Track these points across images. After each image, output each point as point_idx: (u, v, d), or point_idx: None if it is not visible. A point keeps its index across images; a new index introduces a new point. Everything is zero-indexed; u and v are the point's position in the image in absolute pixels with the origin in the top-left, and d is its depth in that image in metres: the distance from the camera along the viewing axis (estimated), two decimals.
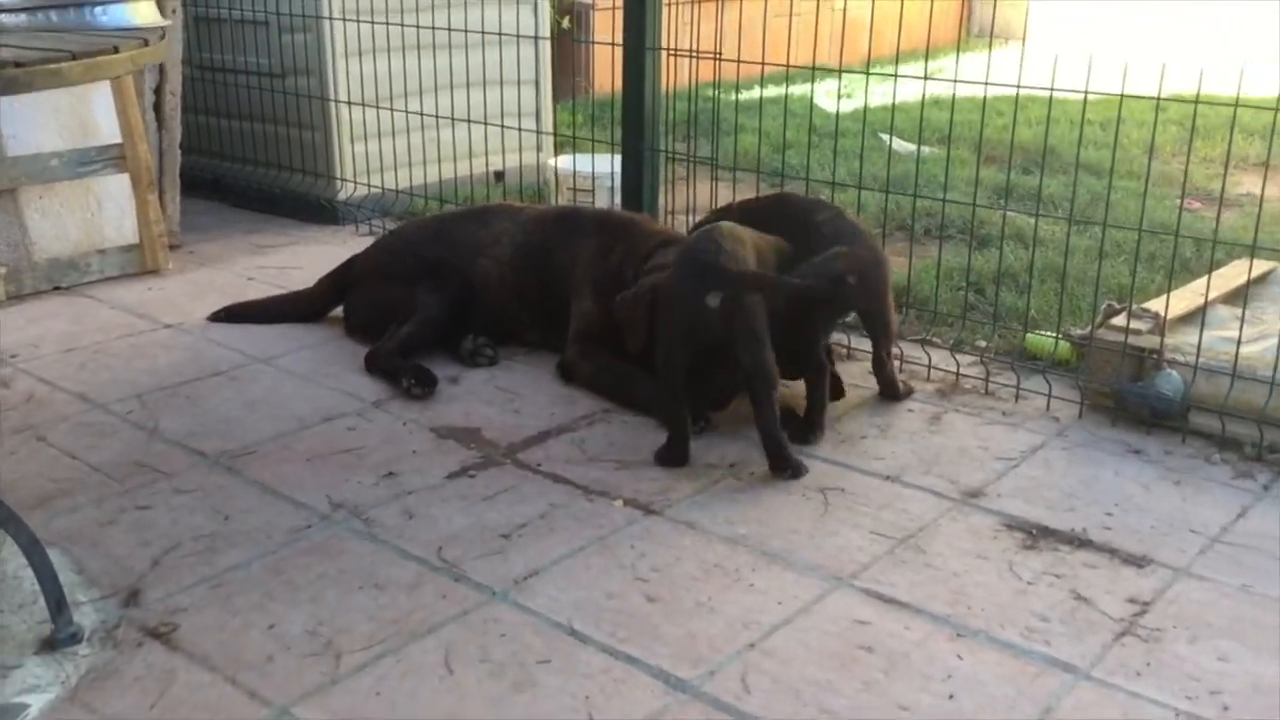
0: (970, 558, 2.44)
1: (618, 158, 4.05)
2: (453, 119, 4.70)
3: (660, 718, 1.98)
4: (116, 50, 1.72)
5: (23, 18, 1.91)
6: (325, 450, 2.92)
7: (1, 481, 2.71)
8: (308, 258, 4.45)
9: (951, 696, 2.02)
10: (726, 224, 2.97)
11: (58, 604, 2.14)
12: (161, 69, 4.40)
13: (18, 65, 1.56)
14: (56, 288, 4.07)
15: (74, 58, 1.63)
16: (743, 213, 3.25)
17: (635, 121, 3.83)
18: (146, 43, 1.83)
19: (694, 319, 2.73)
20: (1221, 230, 4.70)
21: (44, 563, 2.12)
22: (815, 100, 7.05)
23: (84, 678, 2.07)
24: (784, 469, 2.75)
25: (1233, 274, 3.47)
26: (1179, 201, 5.16)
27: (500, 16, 5.07)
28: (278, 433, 3.01)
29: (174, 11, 4.37)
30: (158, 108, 4.45)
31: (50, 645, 2.13)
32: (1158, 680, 2.06)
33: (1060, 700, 2.02)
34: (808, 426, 2.98)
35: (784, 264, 3.03)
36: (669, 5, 3.81)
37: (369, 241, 4.56)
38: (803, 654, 2.13)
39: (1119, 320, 3.10)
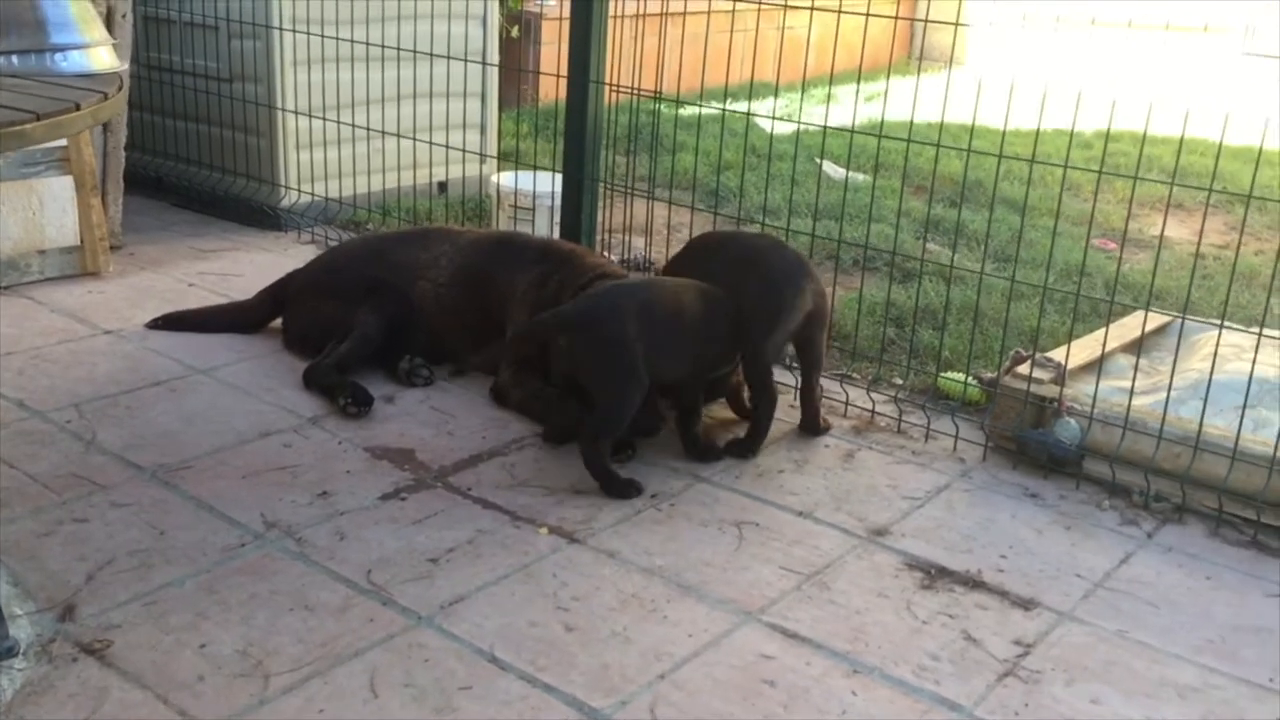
0: (871, 595, 2.60)
1: (559, 177, 4.17)
2: (398, 135, 4.79)
3: None
4: (79, 107, 1.81)
5: None
6: (261, 467, 3.01)
7: None
8: (249, 265, 4.51)
9: None
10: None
11: None
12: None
13: None
14: None
15: (38, 118, 1.71)
16: (679, 264, 3.38)
17: (576, 151, 3.95)
18: (106, 96, 1.91)
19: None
20: (1131, 275, 4.96)
21: None
22: (756, 119, 7.22)
23: (19, 692, 2.15)
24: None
25: (1134, 323, 3.67)
26: (1093, 242, 5.40)
27: (450, 30, 5.16)
28: (215, 447, 3.09)
29: (124, 16, 4.42)
30: None
31: None
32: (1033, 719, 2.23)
33: None
34: (748, 441, 3.21)
35: (711, 306, 3.16)
36: (614, 19, 3.92)
37: (310, 249, 4.66)
38: (709, 686, 2.27)
39: (1024, 368, 3.28)
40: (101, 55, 2.10)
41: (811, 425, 3.36)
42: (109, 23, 4.38)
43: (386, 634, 2.37)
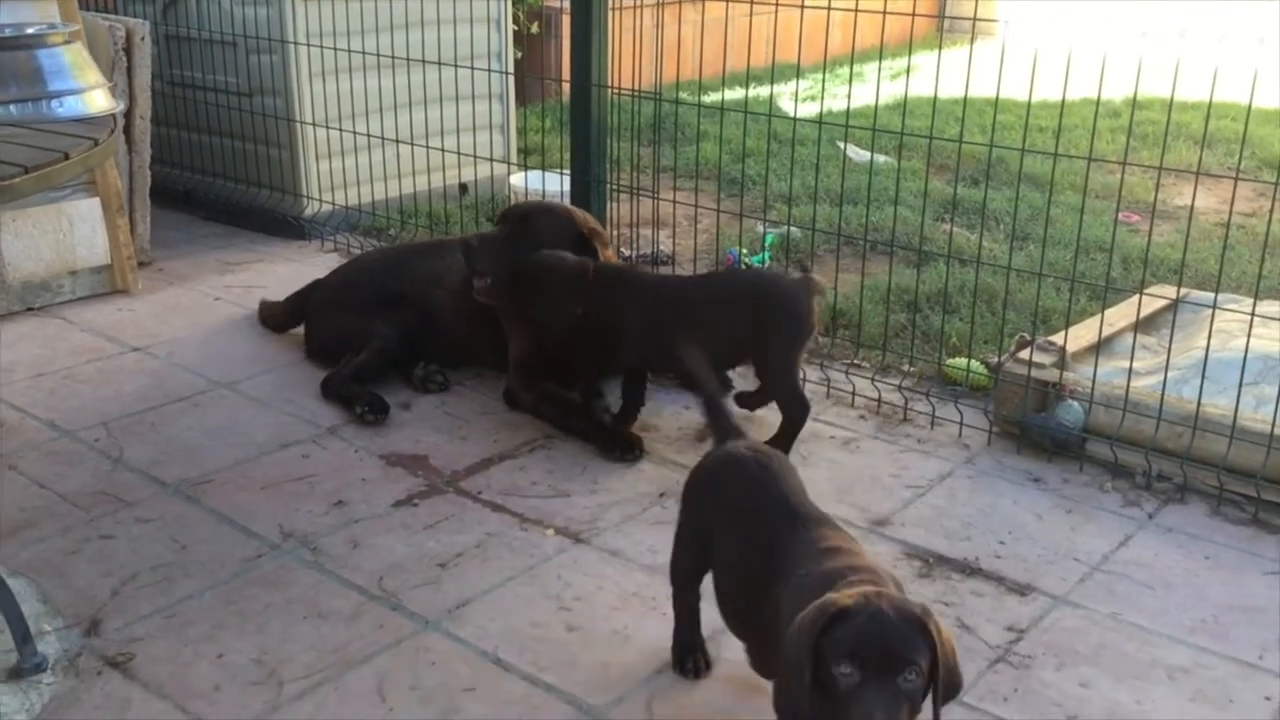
0: None
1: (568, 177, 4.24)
2: (412, 143, 4.87)
3: None
4: (67, 157, 1.90)
5: None
6: (280, 478, 3.11)
7: None
8: (273, 276, 4.63)
9: None
10: None
11: (23, 637, 2.34)
12: (131, 93, 4.57)
13: None
14: (30, 309, 4.25)
15: (26, 171, 1.81)
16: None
17: (582, 152, 4.02)
18: (97, 142, 2.01)
19: None
20: (1153, 247, 4.92)
21: (10, 602, 2.31)
22: (777, 103, 7.23)
23: (47, 705, 2.26)
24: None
25: (1143, 301, 3.66)
26: (1114, 217, 5.37)
27: (462, 34, 5.23)
28: (236, 460, 3.20)
29: (142, 39, 4.54)
30: (127, 131, 4.61)
31: (17, 674, 2.33)
32: (1022, 705, 2.28)
33: None
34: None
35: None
36: (632, 8, 3.93)
37: (334, 258, 4.77)
38: (706, 682, 2.34)
39: (1027, 352, 3.31)
40: (97, 98, 2.19)
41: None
42: (129, 45, 4.51)
43: (395, 639, 2.46)
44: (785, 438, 3.20)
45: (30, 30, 2.20)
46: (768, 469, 2.19)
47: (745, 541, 2.08)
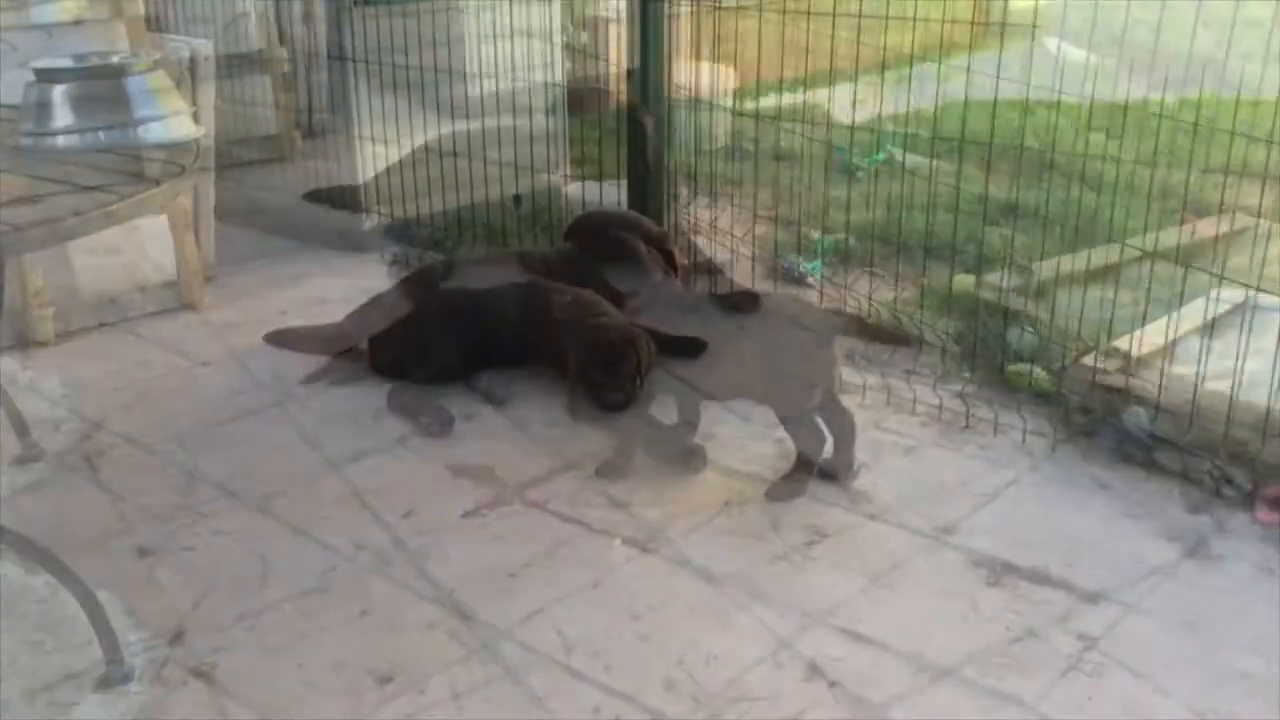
0: (937, 596, 2.66)
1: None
2: (469, 156, 4.93)
3: None
4: (159, 183, 1.97)
5: (75, 139, 2.17)
6: (351, 490, 3.17)
7: (60, 523, 2.99)
8: (335, 290, 4.69)
9: None
10: None
11: (112, 647, 2.41)
12: (195, 114, 4.66)
13: (77, 214, 1.81)
14: (102, 324, 4.34)
15: (122, 199, 1.88)
16: None
17: (640, 163, 4.05)
18: (184, 169, 2.08)
19: None
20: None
21: (98, 613, 2.38)
22: (831, 111, 7.21)
23: (137, 715, 2.33)
24: None
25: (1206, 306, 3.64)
26: (1178, 219, 5.32)
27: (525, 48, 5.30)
28: (307, 473, 3.26)
29: (207, 58, 4.63)
30: None
31: (106, 683, 2.39)
32: (1097, 713, 2.28)
33: None
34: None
35: None
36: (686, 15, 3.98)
37: (393, 270, 4.83)
38: (777, 690, 2.36)
39: (1092, 358, 3.30)
40: (181, 124, 2.26)
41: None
42: (193, 66, 4.60)
43: (469, 650, 2.51)
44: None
45: (116, 59, 2.27)
46: None
47: None
